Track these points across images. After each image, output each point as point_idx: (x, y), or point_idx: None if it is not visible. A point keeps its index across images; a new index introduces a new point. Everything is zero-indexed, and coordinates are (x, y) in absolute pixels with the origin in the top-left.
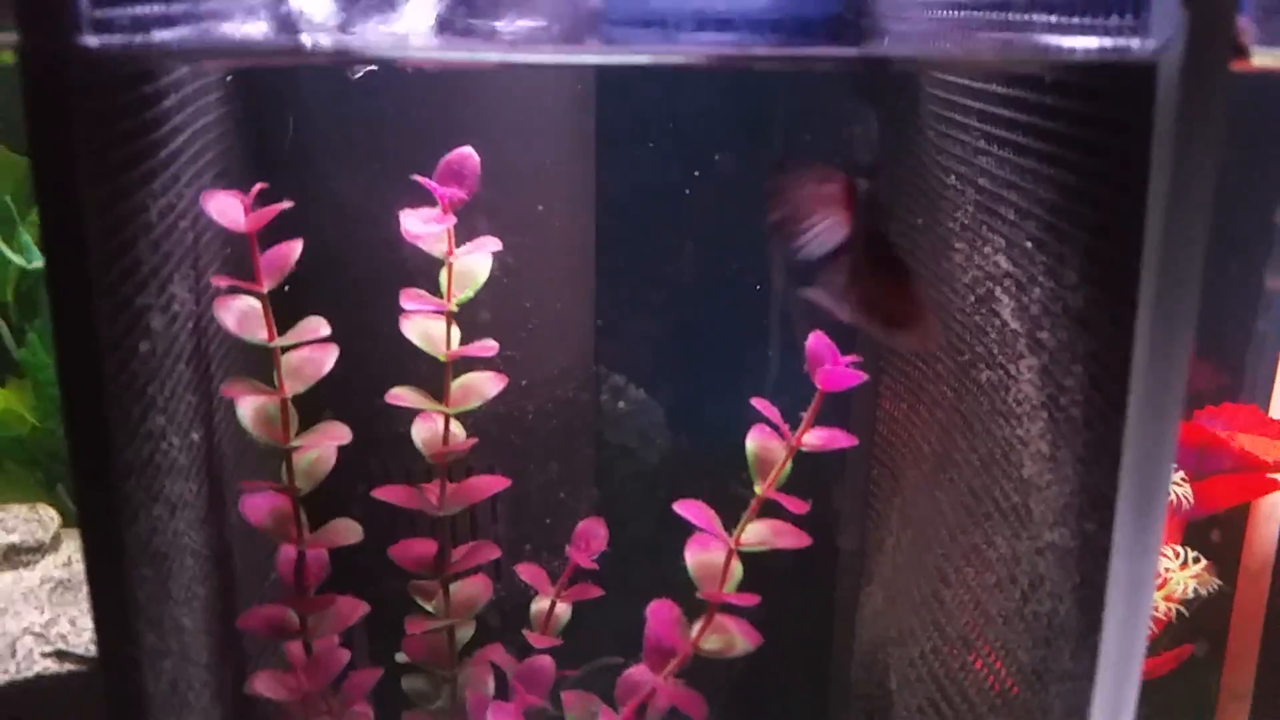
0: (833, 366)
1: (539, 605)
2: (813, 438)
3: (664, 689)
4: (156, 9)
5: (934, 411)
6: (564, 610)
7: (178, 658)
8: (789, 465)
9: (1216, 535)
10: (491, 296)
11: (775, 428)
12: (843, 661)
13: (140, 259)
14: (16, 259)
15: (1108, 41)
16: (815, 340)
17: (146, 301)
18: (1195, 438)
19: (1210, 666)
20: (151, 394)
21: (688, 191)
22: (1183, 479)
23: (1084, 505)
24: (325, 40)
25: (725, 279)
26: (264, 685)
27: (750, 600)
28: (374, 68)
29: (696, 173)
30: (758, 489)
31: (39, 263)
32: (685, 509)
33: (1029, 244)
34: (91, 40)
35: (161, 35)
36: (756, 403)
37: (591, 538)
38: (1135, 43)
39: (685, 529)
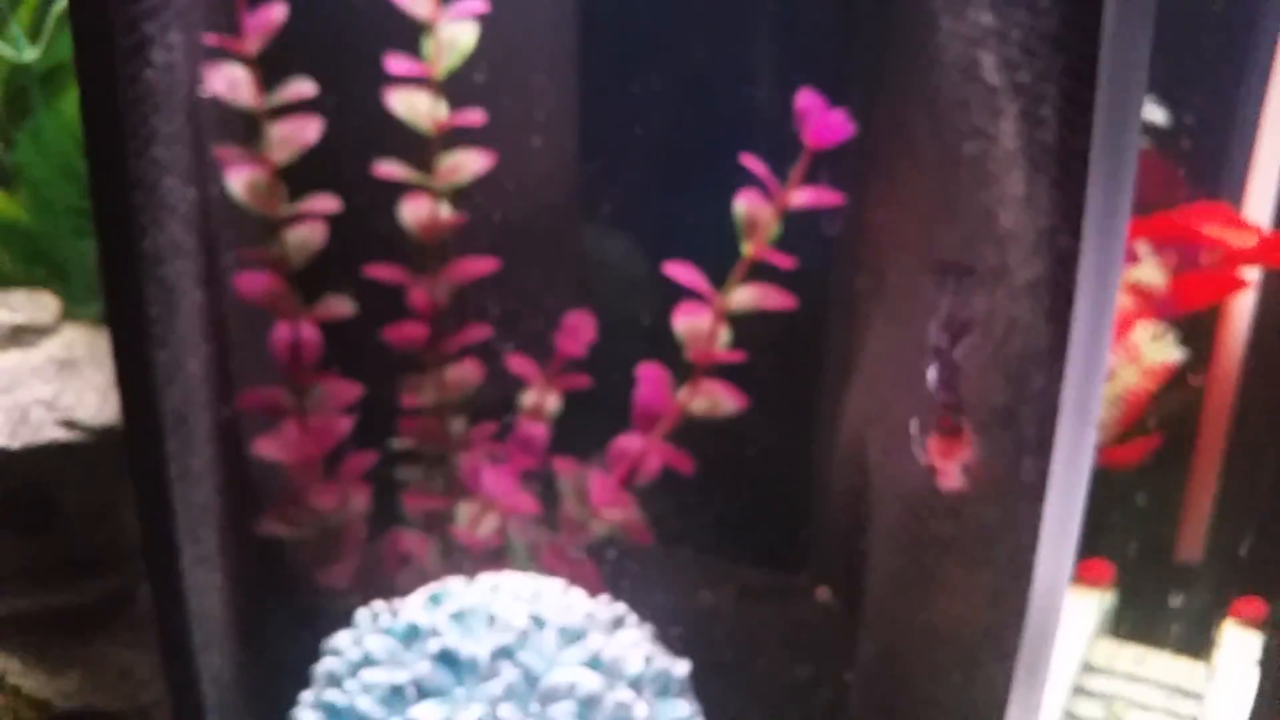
0: (821, 119)
1: (530, 397)
2: (800, 197)
3: (655, 449)
4: None
5: (919, 198)
6: (554, 401)
7: (182, 388)
8: (778, 228)
9: None
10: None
11: (763, 187)
12: (824, 443)
13: None
14: (8, 51)
15: None
16: (804, 94)
17: (148, 34)
18: (1167, 230)
19: (1177, 464)
20: (155, 124)
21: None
22: (1157, 267)
23: (1057, 220)
24: None
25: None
26: (268, 447)
27: (737, 357)
28: None
29: None
30: (745, 249)
31: (31, 54)
32: (674, 270)
33: None
34: None
35: None
36: (746, 160)
37: (580, 328)
38: None
39: None
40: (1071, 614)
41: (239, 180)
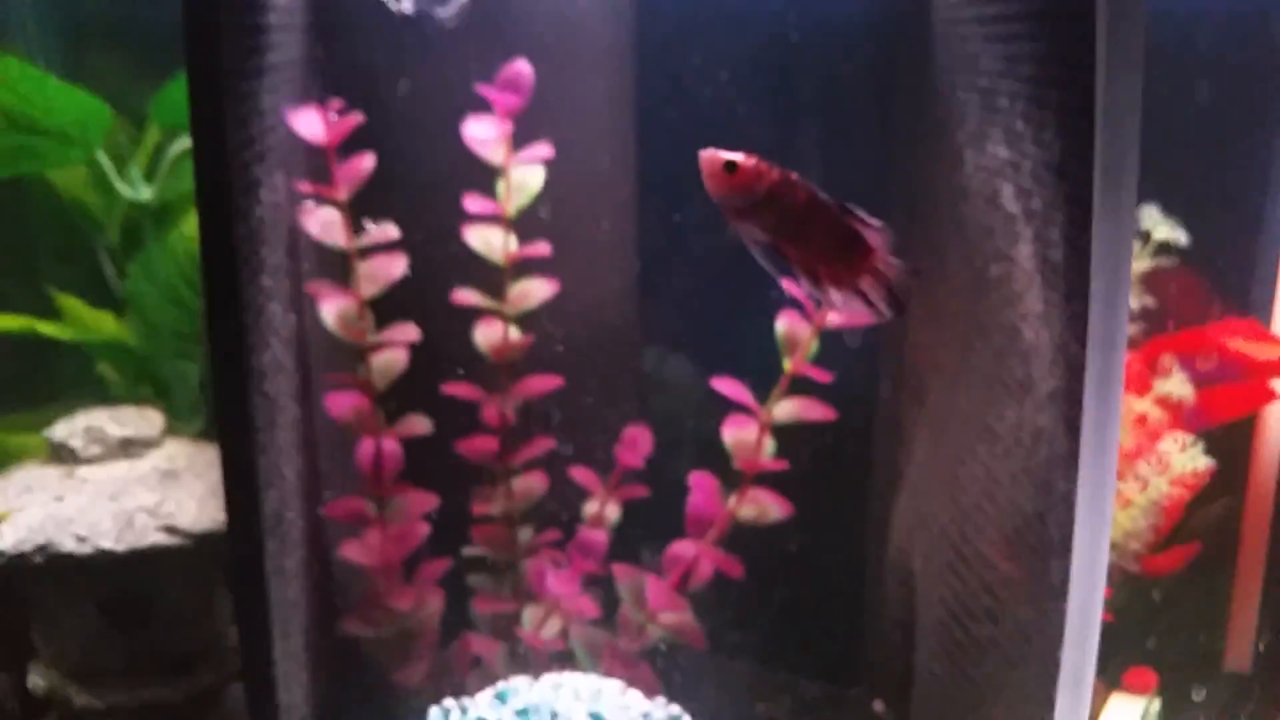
0: None
1: (591, 506)
2: (836, 317)
3: (707, 554)
4: None
5: (954, 319)
6: (614, 510)
7: (279, 491)
8: (816, 344)
9: None
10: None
11: (801, 309)
12: (875, 548)
13: (254, 137)
14: (126, 190)
15: None
16: None
17: (256, 176)
18: (1196, 345)
19: (1222, 576)
20: (263, 255)
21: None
22: (1185, 380)
23: (1066, 327)
24: None
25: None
26: (352, 551)
27: (780, 466)
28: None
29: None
30: (786, 365)
31: (147, 194)
32: (721, 385)
33: (1020, 123)
34: None
35: None
36: (785, 283)
37: (639, 441)
38: None
39: None
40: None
41: (330, 310)
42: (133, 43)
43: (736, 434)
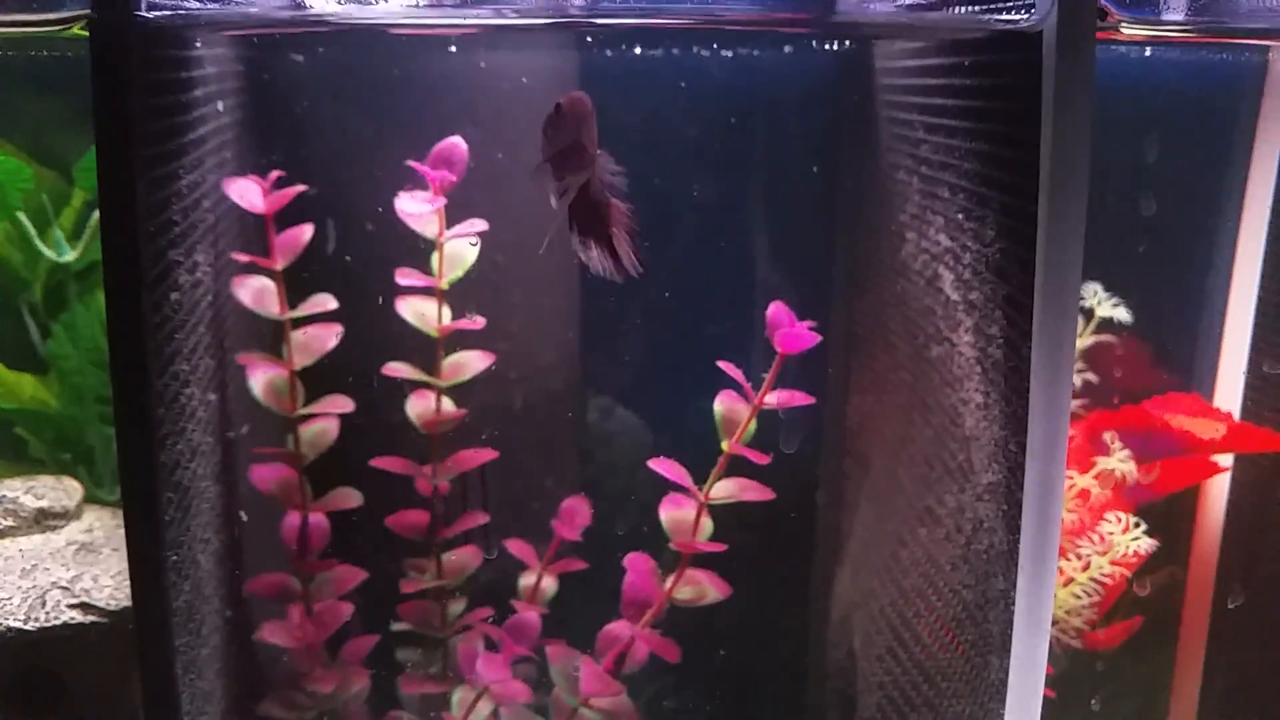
0: (790, 329)
1: (527, 579)
2: (774, 397)
3: (642, 638)
4: None
5: (895, 396)
6: (550, 583)
7: (193, 583)
8: (754, 425)
9: None
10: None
11: (740, 389)
12: (815, 630)
13: (173, 220)
14: (49, 252)
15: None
16: (775, 308)
17: (177, 258)
18: (1140, 422)
19: (1164, 647)
20: (178, 342)
21: (670, 204)
22: (1128, 457)
23: (1006, 426)
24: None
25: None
26: (272, 634)
27: (718, 548)
28: None
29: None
30: (724, 446)
31: (69, 256)
32: (659, 465)
33: (960, 215)
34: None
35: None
36: (723, 365)
37: (576, 513)
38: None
39: None
40: None
41: (260, 381)
42: (65, 97)
43: (674, 514)
